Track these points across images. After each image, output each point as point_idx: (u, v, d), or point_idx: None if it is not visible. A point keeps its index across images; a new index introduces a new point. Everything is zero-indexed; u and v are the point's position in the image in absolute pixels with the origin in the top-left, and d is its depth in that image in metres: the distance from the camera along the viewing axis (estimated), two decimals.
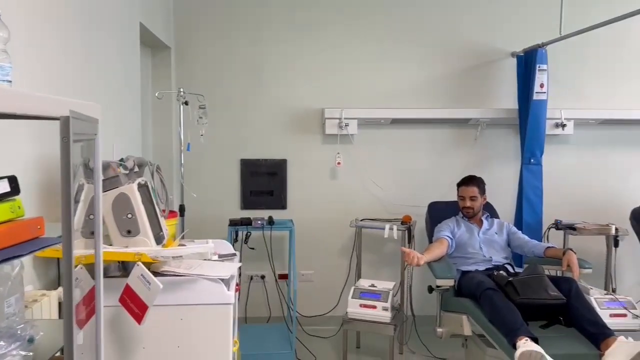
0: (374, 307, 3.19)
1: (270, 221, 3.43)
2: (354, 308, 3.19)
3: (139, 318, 1.60)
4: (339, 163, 3.84)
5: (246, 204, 3.90)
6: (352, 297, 3.22)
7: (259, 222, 3.40)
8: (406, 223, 3.59)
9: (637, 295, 3.58)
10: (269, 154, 3.89)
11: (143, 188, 1.89)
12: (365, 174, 3.91)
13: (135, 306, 1.61)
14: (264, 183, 3.89)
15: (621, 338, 2.38)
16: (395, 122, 3.87)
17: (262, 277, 3.88)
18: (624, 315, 3.10)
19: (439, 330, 2.94)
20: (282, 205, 3.90)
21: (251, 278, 3.90)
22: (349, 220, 3.72)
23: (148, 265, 1.67)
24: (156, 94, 3.26)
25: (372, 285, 3.33)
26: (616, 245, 3.56)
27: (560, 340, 2.48)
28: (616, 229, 3.54)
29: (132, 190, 1.80)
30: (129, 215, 1.78)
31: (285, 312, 3.79)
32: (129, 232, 1.78)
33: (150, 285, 1.59)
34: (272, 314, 3.88)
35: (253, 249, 3.45)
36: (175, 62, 3.76)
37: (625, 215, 3.63)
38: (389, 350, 3.17)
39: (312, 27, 3.84)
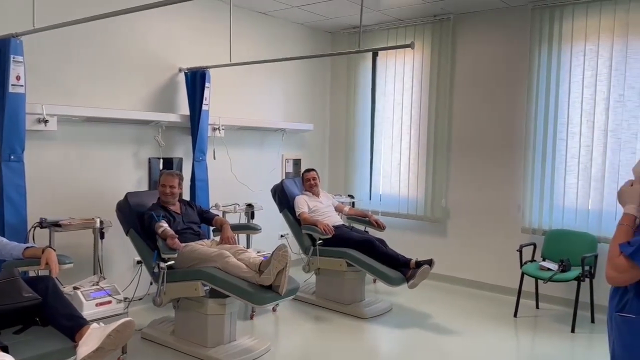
0: None
1: None
2: None
3: None
4: None
5: None
6: None
7: None
8: None
9: (127, 280, 3.93)
10: None
11: None
12: None
13: None
14: None
15: (94, 325, 2.50)
16: None
17: None
18: (109, 302, 3.35)
19: None
20: None
21: None
22: None
23: None
24: None
25: None
26: (102, 237, 3.76)
27: (34, 342, 2.41)
28: (101, 222, 3.73)
29: None
30: None
31: None
32: None
33: None
34: None
35: None
36: None
37: (111, 207, 3.90)
38: None
39: None
